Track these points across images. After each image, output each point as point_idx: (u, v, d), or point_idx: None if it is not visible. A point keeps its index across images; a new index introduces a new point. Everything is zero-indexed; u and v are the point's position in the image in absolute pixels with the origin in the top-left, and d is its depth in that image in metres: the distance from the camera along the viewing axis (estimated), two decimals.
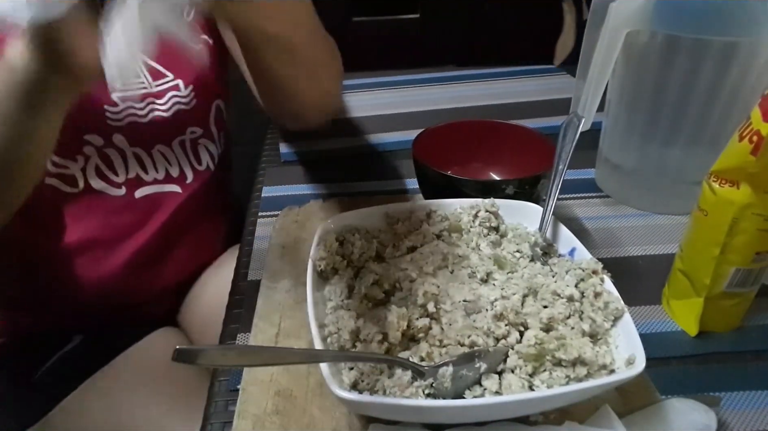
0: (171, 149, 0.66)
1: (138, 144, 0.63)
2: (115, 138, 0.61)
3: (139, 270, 0.67)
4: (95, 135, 0.60)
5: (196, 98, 0.67)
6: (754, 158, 0.37)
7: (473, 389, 0.36)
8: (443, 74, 1.00)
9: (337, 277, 0.44)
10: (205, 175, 0.70)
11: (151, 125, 0.63)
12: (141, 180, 0.65)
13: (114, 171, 0.63)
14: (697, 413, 0.37)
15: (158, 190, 0.66)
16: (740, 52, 0.48)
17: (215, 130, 0.71)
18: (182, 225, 0.69)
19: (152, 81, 0.64)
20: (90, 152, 0.61)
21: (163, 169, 0.66)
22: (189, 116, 0.66)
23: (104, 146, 0.61)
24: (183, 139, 0.67)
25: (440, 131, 0.59)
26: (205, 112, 0.69)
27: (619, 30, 0.50)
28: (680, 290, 0.45)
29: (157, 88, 0.64)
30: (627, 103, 0.57)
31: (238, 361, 0.36)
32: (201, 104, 0.67)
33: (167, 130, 0.65)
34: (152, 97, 0.63)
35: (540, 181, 0.51)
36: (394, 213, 0.49)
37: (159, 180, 0.66)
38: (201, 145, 0.69)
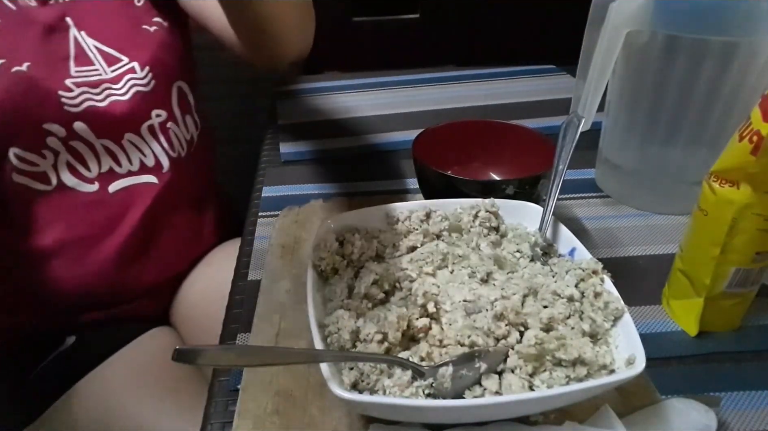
0: (141, 137, 0.65)
1: (105, 135, 0.62)
2: (77, 127, 0.59)
3: (123, 267, 0.66)
4: (54, 124, 0.58)
5: (154, 79, 0.65)
6: (754, 158, 0.37)
7: (473, 389, 0.36)
8: (443, 74, 1.00)
9: (337, 277, 0.44)
10: (180, 162, 0.69)
11: (111, 111, 0.61)
12: (114, 173, 0.64)
13: (86, 165, 0.62)
14: (697, 413, 0.37)
15: (133, 182, 0.65)
16: (740, 52, 0.48)
17: (179, 113, 0.69)
18: (162, 217, 0.68)
19: (107, 67, 0.62)
20: (55, 145, 0.59)
21: (137, 159, 0.65)
22: (150, 99, 0.65)
23: (69, 137, 0.59)
24: (151, 124, 0.65)
25: (440, 131, 0.59)
26: (166, 93, 0.68)
27: (619, 30, 0.50)
28: (680, 290, 0.45)
29: (113, 73, 0.62)
30: (627, 103, 0.57)
31: (238, 361, 0.36)
32: (160, 86, 0.66)
33: (130, 116, 0.63)
34: (108, 83, 0.62)
35: (540, 181, 0.51)
36: (394, 213, 0.49)
37: (133, 171, 0.65)
38: (170, 130, 0.68)
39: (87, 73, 0.60)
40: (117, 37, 0.63)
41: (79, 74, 0.60)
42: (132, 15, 0.65)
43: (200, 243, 0.76)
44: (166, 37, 0.67)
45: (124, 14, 0.65)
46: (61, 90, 0.58)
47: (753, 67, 0.49)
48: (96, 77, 0.61)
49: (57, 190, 0.60)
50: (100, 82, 0.61)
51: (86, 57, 0.61)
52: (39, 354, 0.65)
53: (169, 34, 0.68)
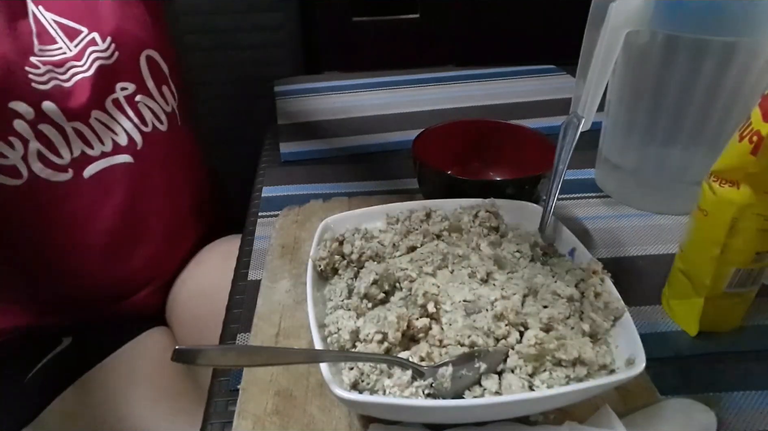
0: (108, 113, 0.62)
1: (74, 116, 0.59)
2: (46, 107, 0.57)
3: (110, 256, 0.65)
4: (21, 103, 0.55)
5: (117, 50, 0.61)
6: (754, 158, 0.37)
7: (473, 389, 0.36)
8: (443, 74, 1.00)
9: (337, 277, 0.44)
10: (156, 137, 0.66)
11: (77, 90, 0.59)
12: (87, 156, 0.61)
13: (56, 152, 0.59)
14: (697, 413, 0.37)
15: (108, 163, 0.62)
16: (740, 52, 0.48)
17: (153, 84, 0.66)
18: (145, 199, 0.66)
19: (69, 42, 0.60)
20: (23, 130, 0.56)
21: (108, 139, 0.62)
22: (114, 71, 0.62)
23: (37, 120, 0.56)
24: (116, 98, 0.62)
25: (440, 131, 0.59)
26: (134, 65, 0.64)
27: (619, 30, 0.50)
28: (680, 290, 0.45)
29: (76, 48, 0.60)
30: (627, 103, 0.57)
31: (238, 361, 0.36)
32: (125, 57, 0.62)
33: (94, 91, 0.60)
34: (73, 60, 0.59)
35: (540, 180, 0.51)
36: (394, 213, 0.49)
37: (107, 152, 0.62)
38: (140, 103, 0.64)
39: (51, 53, 0.58)
40: (75, 8, 0.61)
41: (43, 53, 0.58)
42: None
43: (191, 238, 0.75)
44: (125, 3, 0.64)
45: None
46: (27, 66, 0.56)
47: (753, 67, 0.49)
48: (60, 56, 0.59)
49: (29, 184, 0.58)
50: (65, 61, 0.59)
51: (48, 34, 0.59)
52: (36, 355, 0.65)
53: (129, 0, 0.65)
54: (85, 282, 0.66)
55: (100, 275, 0.66)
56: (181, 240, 0.74)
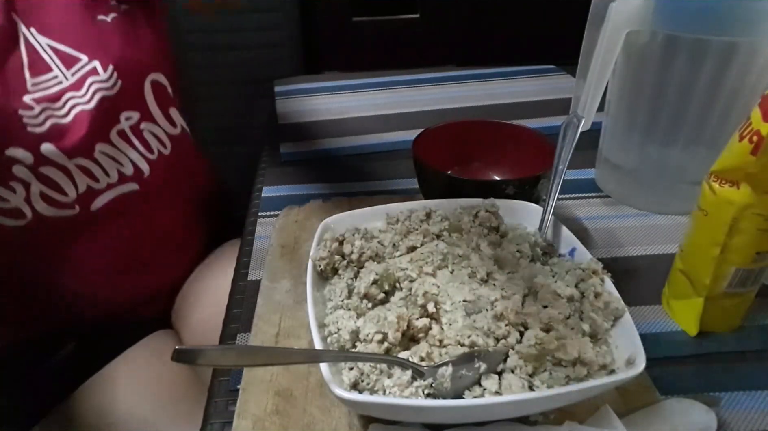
0: (113, 145, 0.59)
1: (77, 153, 0.56)
2: (45, 150, 0.53)
3: (118, 278, 0.65)
4: (19, 149, 0.52)
5: (120, 79, 0.58)
6: (754, 158, 0.37)
7: (473, 389, 0.36)
8: (443, 74, 1.00)
9: (337, 277, 0.44)
10: (161, 163, 0.63)
11: (77, 125, 0.55)
12: (93, 190, 0.58)
13: (61, 191, 0.56)
14: (697, 413, 0.37)
15: (115, 194, 0.60)
16: (740, 52, 0.48)
17: (158, 110, 0.62)
18: (153, 220, 0.65)
19: (66, 70, 0.55)
20: (24, 174, 0.53)
21: (114, 171, 0.59)
22: (117, 101, 0.58)
23: (37, 163, 0.53)
24: (121, 129, 0.59)
25: (440, 131, 0.59)
26: (137, 92, 0.60)
27: (619, 30, 0.50)
28: (680, 290, 0.45)
29: (74, 77, 0.55)
30: (627, 103, 0.57)
31: (238, 361, 0.36)
32: (129, 85, 0.59)
33: (97, 124, 0.57)
34: (71, 90, 0.55)
35: (540, 180, 0.51)
36: (394, 213, 0.49)
37: (112, 184, 0.59)
38: (145, 131, 0.61)
39: (46, 84, 0.54)
40: (72, 32, 0.56)
41: (37, 87, 0.53)
42: (85, 4, 0.58)
43: (198, 245, 0.75)
44: (128, 25, 0.59)
45: (77, 3, 0.57)
46: (21, 109, 0.52)
47: (753, 67, 0.49)
48: (56, 87, 0.54)
49: (34, 223, 0.56)
50: (62, 93, 0.54)
51: (42, 62, 0.54)
52: (40, 358, 0.65)
53: (132, 21, 0.60)
54: (94, 303, 0.66)
55: (108, 296, 0.66)
56: (188, 247, 0.74)
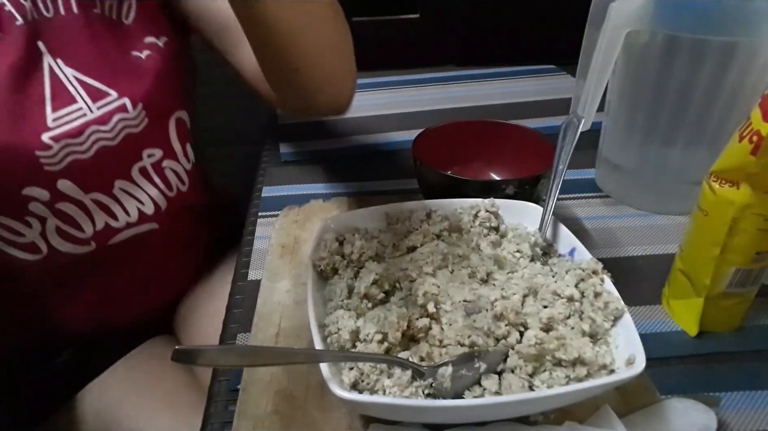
0: (134, 182, 0.57)
1: (94, 188, 0.54)
2: (62, 186, 0.52)
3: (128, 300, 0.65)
4: (35, 187, 0.50)
5: (147, 117, 0.56)
6: (754, 158, 0.37)
7: (473, 389, 0.36)
8: (443, 74, 1.00)
9: (337, 277, 0.44)
10: (179, 199, 0.62)
11: (98, 160, 0.53)
12: (111, 228, 0.57)
13: (78, 227, 0.54)
14: (697, 413, 0.37)
15: (133, 233, 0.58)
16: (740, 52, 0.48)
17: (179, 146, 0.61)
18: (166, 255, 0.65)
19: (92, 103, 0.52)
20: (40, 211, 0.51)
21: (134, 208, 0.58)
22: (140, 138, 0.56)
23: (54, 200, 0.52)
24: (143, 167, 0.58)
25: (440, 131, 0.59)
26: (162, 130, 0.59)
27: (619, 30, 0.50)
28: (680, 290, 0.45)
29: (99, 110, 0.52)
30: (627, 103, 0.57)
31: (238, 361, 0.36)
32: (155, 123, 0.57)
33: (119, 161, 0.55)
34: (95, 124, 0.52)
35: (540, 180, 0.51)
36: (394, 213, 0.49)
37: (132, 223, 0.58)
38: (166, 168, 0.60)
39: (68, 117, 0.51)
40: (102, 65, 0.53)
41: (58, 122, 0.50)
42: (119, 38, 0.55)
43: (200, 246, 0.74)
44: (162, 61, 0.57)
45: (110, 37, 0.54)
46: (38, 150, 0.49)
47: (753, 67, 0.49)
48: (80, 120, 0.51)
49: (49, 257, 0.54)
50: (85, 127, 0.51)
51: (66, 93, 0.51)
52: (38, 364, 0.64)
53: (167, 56, 0.58)
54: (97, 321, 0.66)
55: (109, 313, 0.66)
56: (192, 257, 0.73)
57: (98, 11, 0.54)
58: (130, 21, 0.56)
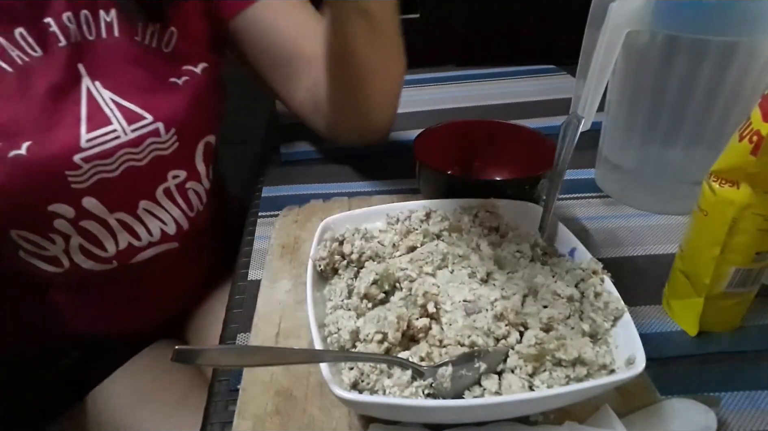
0: (157, 203, 0.58)
1: (118, 207, 0.55)
2: (87, 203, 0.53)
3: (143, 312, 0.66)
4: (61, 204, 0.51)
5: (178, 141, 0.57)
6: (754, 158, 0.37)
7: (473, 389, 0.36)
8: (443, 74, 1.00)
9: (337, 277, 0.44)
10: (199, 218, 0.63)
11: (124, 179, 0.54)
12: (133, 248, 0.58)
13: (101, 246, 0.56)
14: (697, 413, 0.37)
15: (155, 252, 0.60)
16: (740, 52, 0.48)
17: (203, 167, 0.62)
18: (182, 267, 0.65)
19: (127, 125, 0.53)
20: (64, 228, 0.53)
21: (157, 229, 0.59)
22: (168, 160, 0.57)
23: (78, 217, 0.53)
24: (167, 187, 0.59)
25: (440, 131, 0.59)
26: (190, 153, 0.60)
27: (619, 30, 0.50)
28: (680, 290, 0.45)
29: (134, 133, 0.53)
30: (627, 103, 0.57)
31: (238, 361, 0.36)
32: (184, 146, 0.58)
33: (145, 181, 0.57)
34: (127, 146, 0.53)
35: (540, 181, 0.51)
36: (394, 213, 0.49)
37: (154, 242, 0.59)
38: (190, 189, 0.61)
39: (102, 138, 0.51)
40: (139, 89, 0.54)
41: (91, 143, 0.51)
42: (158, 64, 0.56)
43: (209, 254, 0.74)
44: (198, 88, 0.58)
45: (149, 63, 0.55)
46: (68, 170, 0.50)
47: (753, 67, 0.49)
48: (113, 142, 0.52)
49: (71, 271, 0.56)
50: (117, 149, 0.52)
51: (102, 115, 0.52)
52: (43, 367, 0.64)
53: (203, 82, 0.59)
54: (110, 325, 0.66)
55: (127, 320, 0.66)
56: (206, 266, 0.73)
57: (139, 38, 0.54)
58: (170, 49, 0.56)
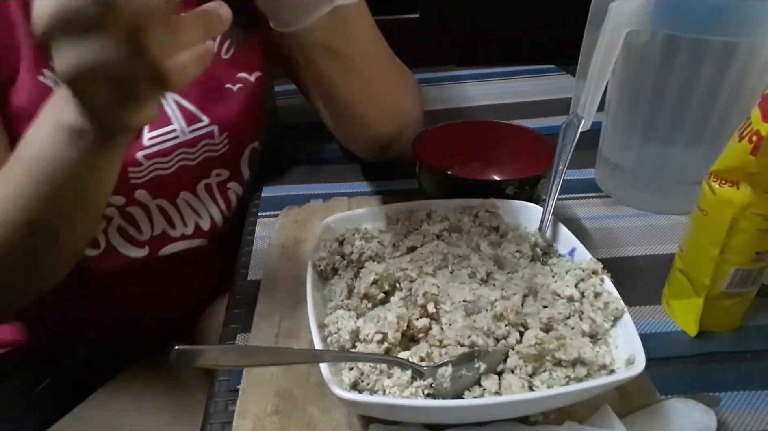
0: (196, 196, 0.60)
1: (161, 195, 0.57)
2: (138, 194, 0.55)
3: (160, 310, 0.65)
4: (115, 195, 0.54)
5: (228, 144, 0.59)
6: (754, 158, 0.37)
7: (473, 389, 0.36)
8: (443, 74, 1.00)
9: (337, 277, 0.44)
10: (232, 220, 0.64)
11: (176, 176, 0.57)
12: (167, 236, 0.59)
13: (138, 228, 0.58)
14: (697, 413, 0.37)
15: (185, 246, 0.61)
16: (740, 52, 0.48)
17: (246, 171, 0.64)
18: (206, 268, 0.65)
19: (186, 126, 0.55)
20: (110, 212, 0.55)
21: (192, 221, 0.60)
22: (216, 161, 0.60)
23: (126, 204, 0.55)
24: (208, 183, 0.61)
25: (440, 131, 0.59)
26: (236, 156, 0.62)
27: (619, 30, 0.50)
28: (680, 290, 0.45)
29: (191, 134, 0.56)
30: (627, 103, 0.57)
31: (238, 361, 0.36)
32: (233, 150, 0.61)
33: (191, 178, 0.59)
34: (184, 146, 0.56)
35: (540, 181, 0.51)
36: (394, 213, 0.49)
37: (187, 235, 0.61)
38: (230, 190, 0.63)
39: (162, 138, 0.54)
40: (198, 92, 0.56)
41: (153, 142, 0.54)
42: (216, 69, 0.58)
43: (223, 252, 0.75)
44: (250, 95, 0.60)
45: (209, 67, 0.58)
46: (130, 166, 0.53)
47: (753, 67, 0.49)
48: (172, 142, 0.55)
49: (104, 254, 0.57)
50: (176, 148, 0.55)
51: (164, 115, 0.55)
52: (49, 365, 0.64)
53: (255, 90, 0.61)
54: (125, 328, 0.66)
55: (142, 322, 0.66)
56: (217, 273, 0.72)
57: None
58: (228, 56, 0.59)
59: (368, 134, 0.60)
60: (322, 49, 0.48)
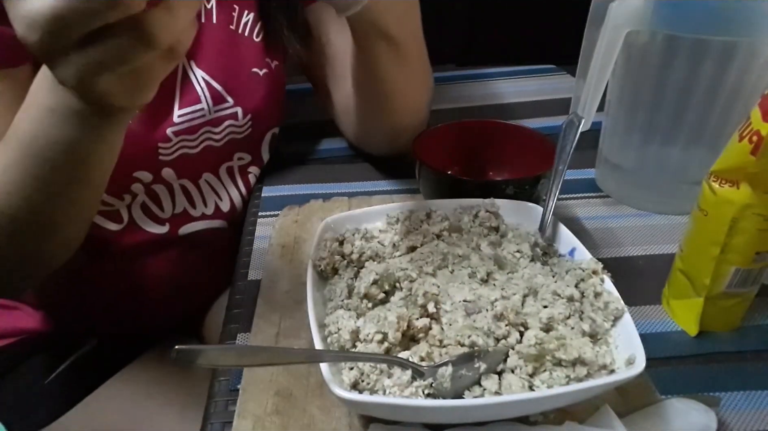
0: (218, 178, 0.62)
1: (185, 175, 0.59)
2: (165, 172, 0.57)
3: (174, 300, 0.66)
4: (144, 172, 0.56)
5: (251, 127, 0.62)
6: (754, 158, 0.37)
7: (473, 389, 0.36)
8: (443, 74, 1.00)
9: (337, 277, 0.44)
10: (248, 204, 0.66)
11: (202, 156, 0.59)
12: (188, 215, 0.61)
13: (160, 206, 0.59)
14: (697, 413, 0.37)
15: (204, 226, 0.63)
16: (740, 52, 0.48)
17: (266, 155, 0.67)
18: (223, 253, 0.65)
19: (212, 105, 0.57)
20: (138, 190, 0.57)
21: (212, 202, 0.62)
22: (239, 144, 0.62)
23: (153, 182, 0.57)
24: (230, 166, 0.63)
25: (440, 131, 0.59)
26: (258, 140, 0.65)
27: (619, 30, 0.50)
28: (680, 290, 0.45)
29: (216, 113, 0.58)
30: (627, 103, 0.57)
31: (238, 361, 0.36)
32: (255, 133, 0.63)
33: (215, 159, 0.61)
34: (209, 125, 0.58)
35: (540, 181, 0.51)
36: (394, 213, 0.49)
37: (207, 215, 0.62)
38: (251, 174, 0.66)
39: (190, 116, 0.56)
40: (227, 74, 0.58)
41: (181, 119, 0.56)
42: (246, 53, 0.60)
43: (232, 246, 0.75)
44: (274, 81, 0.63)
45: (238, 50, 0.59)
46: (161, 141, 0.55)
47: (753, 67, 0.49)
48: (199, 120, 0.57)
49: (126, 229, 0.58)
50: (201, 126, 0.57)
51: (194, 93, 0.56)
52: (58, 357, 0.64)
53: (277, 76, 0.64)
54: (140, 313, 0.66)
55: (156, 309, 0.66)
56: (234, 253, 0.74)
57: (233, 27, 0.59)
58: (260, 39, 0.61)
59: (396, 124, 0.61)
60: (378, 32, 0.50)
